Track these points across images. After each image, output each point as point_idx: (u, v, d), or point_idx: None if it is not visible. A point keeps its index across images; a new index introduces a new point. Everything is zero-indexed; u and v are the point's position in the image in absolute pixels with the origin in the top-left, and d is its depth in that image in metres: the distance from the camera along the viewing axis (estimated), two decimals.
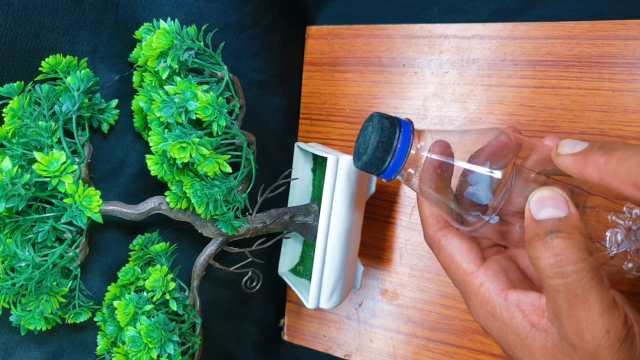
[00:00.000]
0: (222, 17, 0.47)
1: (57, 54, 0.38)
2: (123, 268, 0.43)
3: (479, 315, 0.31)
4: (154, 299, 0.41)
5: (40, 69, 0.38)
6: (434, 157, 0.30)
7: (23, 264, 0.36)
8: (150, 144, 0.37)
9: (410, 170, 0.31)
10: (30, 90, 0.38)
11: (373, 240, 0.54)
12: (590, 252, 0.26)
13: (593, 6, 0.44)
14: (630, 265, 0.28)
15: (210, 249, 0.44)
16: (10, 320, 0.37)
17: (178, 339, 0.40)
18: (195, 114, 0.37)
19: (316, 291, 0.44)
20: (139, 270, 0.43)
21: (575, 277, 0.25)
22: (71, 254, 0.38)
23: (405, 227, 0.52)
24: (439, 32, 0.50)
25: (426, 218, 0.34)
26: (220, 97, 0.38)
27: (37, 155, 0.35)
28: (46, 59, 0.38)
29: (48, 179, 0.35)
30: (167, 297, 0.41)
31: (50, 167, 0.35)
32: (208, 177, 0.39)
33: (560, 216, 0.26)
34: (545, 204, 0.26)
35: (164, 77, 0.38)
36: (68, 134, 0.40)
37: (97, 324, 0.42)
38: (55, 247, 0.38)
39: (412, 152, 0.30)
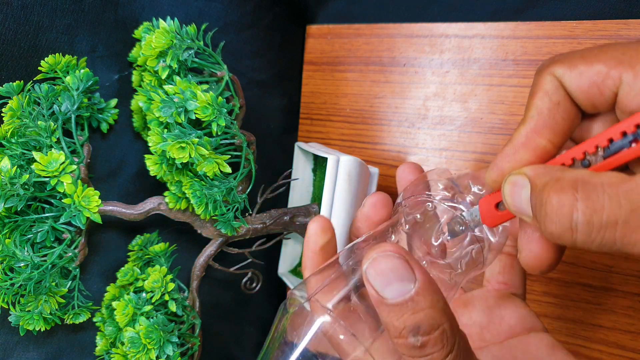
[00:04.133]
0: (222, 17, 0.47)
1: (56, 54, 0.38)
2: (122, 268, 0.43)
3: None
4: (153, 300, 0.40)
5: (39, 68, 0.38)
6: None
7: (22, 264, 0.36)
8: (150, 144, 0.37)
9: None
10: (29, 90, 0.37)
11: None
12: (452, 320, 0.23)
13: (595, 6, 0.43)
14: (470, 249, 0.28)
15: (209, 250, 0.44)
16: (9, 320, 0.37)
17: (177, 339, 0.39)
18: (195, 113, 0.37)
19: None
20: (138, 270, 0.43)
21: None
22: (70, 254, 0.38)
23: None
24: (440, 31, 0.49)
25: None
26: (219, 97, 0.38)
27: (36, 155, 0.35)
28: (45, 59, 0.37)
29: (47, 179, 0.35)
30: (167, 297, 0.41)
31: (49, 167, 0.35)
32: (207, 178, 0.39)
33: (412, 293, 0.22)
34: (390, 278, 0.22)
35: (163, 77, 0.38)
36: (67, 133, 0.40)
37: (96, 324, 0.42)
38: (54, 247, 0.37)
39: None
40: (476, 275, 0.29)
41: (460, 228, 0.27)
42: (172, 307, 0.41)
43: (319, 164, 0.51)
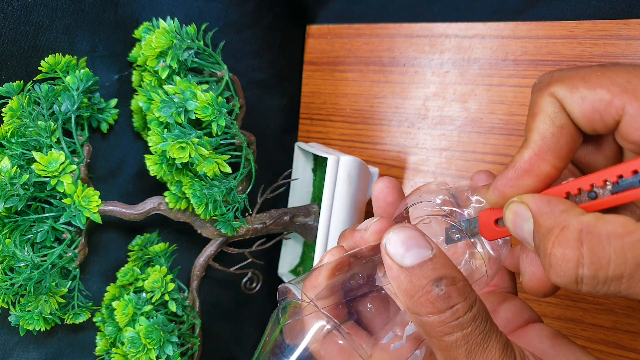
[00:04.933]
0: (222, 17, 0.47)
1: (56, 54, 0.38)
2: (122, 268, 0.43)
3: None
4: (153, 300, 0.40)
5: (39, 68, 0.38)
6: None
7: (22, 264, 0.36)
8: (150, 144, 0.37)
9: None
10: (29, 90, 0.37)
11: None
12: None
13: (595, 5, 0.43)
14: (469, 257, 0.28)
15: (209, 250, 0.44)
16: (9, 320, 0.37)
17: (177, 340, 0.39)
18: (195, 113, 0.37)
19: None
20: (138, 270, 0.43)
21: (475, 325, 0.22)
22: (70, 254, 0.38)
23: None
24: (440, 31, 0.49)
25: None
26: (219, 97, 0.38)
27: (36, 155, 0.35)
28: (45, 59, 0.37)
29: (47, 179, 0.35)
30: (166, 297, 0.41)
31: (49, 167, 0.35)
32: (207, 178, 0.39)
33: (430, 256, 0.23)
34: (408, 245, 0.23)
35: (163, 77, 0.38)
36: (67, 133, 0.40)
37: (96, 324, 0.42)
38: (54, 247, 0.37)
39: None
40: (480, 291, 0.28)
41: (457, 236, 0.27)
42: (172, 307, 0.41)
43: (319, 164, 0.51)
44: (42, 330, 0.38)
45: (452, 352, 0.23)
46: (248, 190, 0.42)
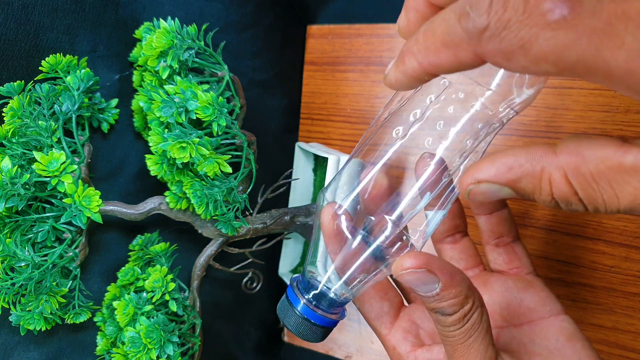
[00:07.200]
0: (223, 17, 0.47)
1: (57, 54, 0.38)
2: (123, 268, 0.43)
3: None
4: (154, 300, 0.40)
5: (40, 68, 0.38)
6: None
7: (23, 264, 0.36)
8: (150, 144, 0.37)
9: None
10: (30, 90, 0.37)
11: None
12: (474, 300, 0.26)
13: None
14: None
15: (210, 250, 0.44)
16: (10, 320, 0.37)
17: (178, 339, 0.39)
18: (196, 113, 0.37)
19: None
20: (139, 270, 0.43)
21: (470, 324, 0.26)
22: (71, 254, 0.38)
23: None
24: None
25: None
26: (220, 97, 0.38)
27: (36, 155, 0.35)
28: (46, 59, 0.37)
29: (48, 179, 0.35)
30: (167, 297, 0.41)
31: (49, 166, 0.35)
32: (208, 178, 0.39)
33: (437, 292, 0.26)
34: (415, 284, 0.26)
35: (164, 77, 0.38)
36: (68, 133, 0.40)
37: (97, 324, 0.42)
38: (55, 247, 0.37)
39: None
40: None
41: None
42: (173, 306, 0.41)
43: (320, 163, 0.51)
44: (42, 330, 0.38)
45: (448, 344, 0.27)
46: (249, 190, 0.42)
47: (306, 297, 0.29)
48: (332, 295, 0.30)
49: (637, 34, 0.15)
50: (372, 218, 0.29)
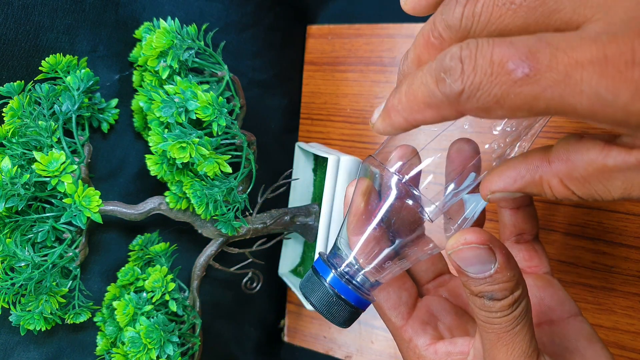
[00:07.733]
0: (223, 17, 0.47)
1: (57, 54, 0.38)
2: (123, 268, 0.43)
3: None
4: (154, 300, 0.40)
5: (40, 68, 0.38)
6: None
7: (23, 264, 0.36)
8: (150, 144, 0.37)
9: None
10: (30, 90, 0.37)
11: None
12: (524, 288, 0.26)
13: None
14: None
15: (210, 250, 0.44)
16: (10, 320, 0.37)
17: (177, 339, 0.39)
18: (195, 113, 0.37)
19: None
20: (139, 270, 0.43)
21: (508, 319, 0.26)
22: (71, 254, 0.38)
23: None
24: None
25: None
26: (220, 97, 0.38)
27: (36, 155, 0.35)
28: (46, 59, 0.37)
29: (48, 179, 0.35)
30: (167, 297, 0.41)
31: (49, 166, 0.35)
32: (208, 178, 0.39)
33: (491, 273, 0.25)
34: (470, 262, 0.25)
35: (164, 77, 0.38)
36: (68, 133, 0.40)
37: (97, 324, 0.42)
38: (55, 247, 0.37)
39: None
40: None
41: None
42: (173, 307, 0.41)
43: (320, 164, 0.51)
44: (42, 330, 0.38)
45: (484, 335, 0.26)
46: (248, 190, 0.42)
47: (338, 269, 0.27)
48: (365, 274, 0.27)
49: (592, 81, 0.17)
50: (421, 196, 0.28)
